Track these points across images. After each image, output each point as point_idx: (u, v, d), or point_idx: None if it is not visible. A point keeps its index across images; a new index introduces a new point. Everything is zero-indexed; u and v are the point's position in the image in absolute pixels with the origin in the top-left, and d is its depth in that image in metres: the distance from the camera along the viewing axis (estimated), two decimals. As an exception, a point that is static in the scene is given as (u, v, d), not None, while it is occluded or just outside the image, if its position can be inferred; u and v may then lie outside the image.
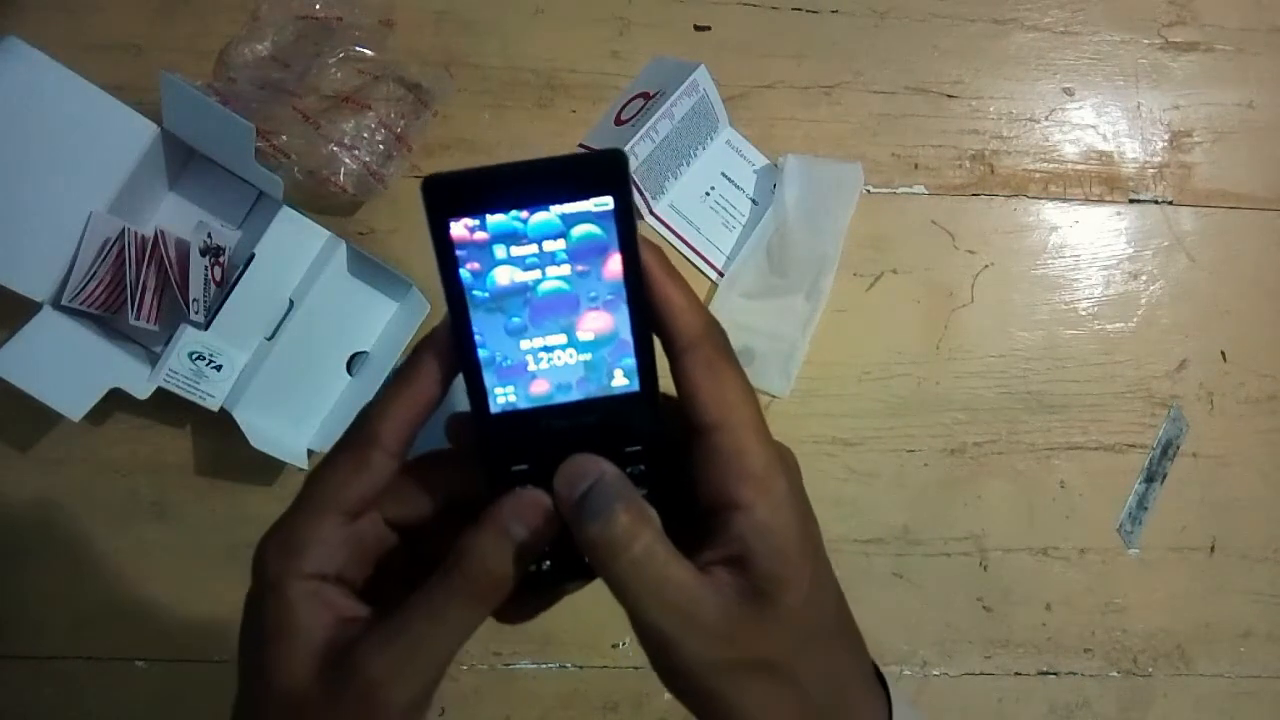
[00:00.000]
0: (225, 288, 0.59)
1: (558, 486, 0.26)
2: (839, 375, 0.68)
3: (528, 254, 0.25)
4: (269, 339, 0.62)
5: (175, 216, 0.62)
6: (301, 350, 0.62)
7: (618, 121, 0.65)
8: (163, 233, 0.60)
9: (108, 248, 0.58)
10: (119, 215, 0.59)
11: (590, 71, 0.68)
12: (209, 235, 0.60)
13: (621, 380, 0.27)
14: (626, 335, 0.26)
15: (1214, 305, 0.71)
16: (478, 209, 0.25)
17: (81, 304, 0.58)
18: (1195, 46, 0.73)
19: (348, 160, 0.61)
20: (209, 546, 0.63)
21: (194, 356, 0.58)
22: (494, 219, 0.25)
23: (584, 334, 0.26)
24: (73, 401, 0.56)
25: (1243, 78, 0.73)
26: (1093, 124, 0.72)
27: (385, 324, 0.65)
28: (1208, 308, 0.71)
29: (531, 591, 0.28)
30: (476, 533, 0.26)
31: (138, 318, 0.58)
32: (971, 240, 0.70)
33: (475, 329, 0.26)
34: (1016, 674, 0.68)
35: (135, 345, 0.62)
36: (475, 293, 0.25)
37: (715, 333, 0.27)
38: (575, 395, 0.27)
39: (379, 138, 0.62)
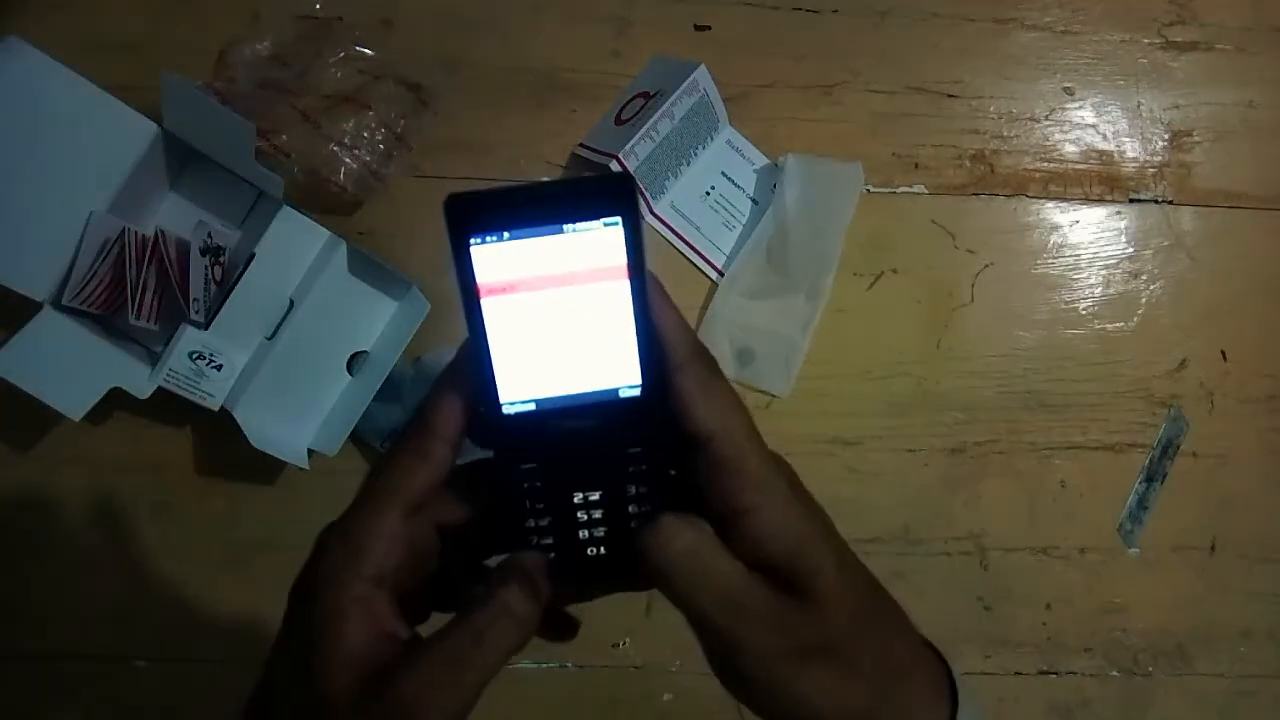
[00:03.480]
0: (225, 288, 0.59)
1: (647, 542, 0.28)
2: (839, 375, 0.68)
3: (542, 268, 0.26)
4: (269, 339, 0.62)
5: (175, 216, 0.62)
6: (301, 350, 0.62)
7: (618, 121, 0.65)
8: (163, 233, 0.60)
9: (108, 248, 0.58)
10: (119, 215, 0.59)
11: (590, 71, 0.68)
12: (209, 235, 0.60)
13: (626, 385, 0.28)
14: (632, 343, 0.27)
15: (1214, 305, 0.71)
16: (497, 227, 0.26)
17: (82, 304, 0.58)
18: (1195, 46, 0.73)
19: (348, 160, 0.61)
20: (209, 546, 0.63)
21: (194, 356, 0.58)
22: (510, 236, 0.26)
23: (592, 341, 0.27)
24: (73, 401, 0.55)
25: (1243, 78, 0.73)
26: (1093, 123, 0.72)
27: (385, 324, 0.65)
28: (1208, 308, 0.71)
29: (582, 577, 0.30)
30: (507, 574, 0.28)
31: (138, 318, 0.58)
32: (972, 240, 0.70)
33: (489, 336, 0.27)
34: (1017, 673, 0.68)
35: (135, 345, 0.62)
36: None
37: (705, 353, 0.28)
38: (582, 398, 0.28)
39: (379, 137, 0.62)
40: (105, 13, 0.65)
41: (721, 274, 0.68)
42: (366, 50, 0.63)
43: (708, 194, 0.69)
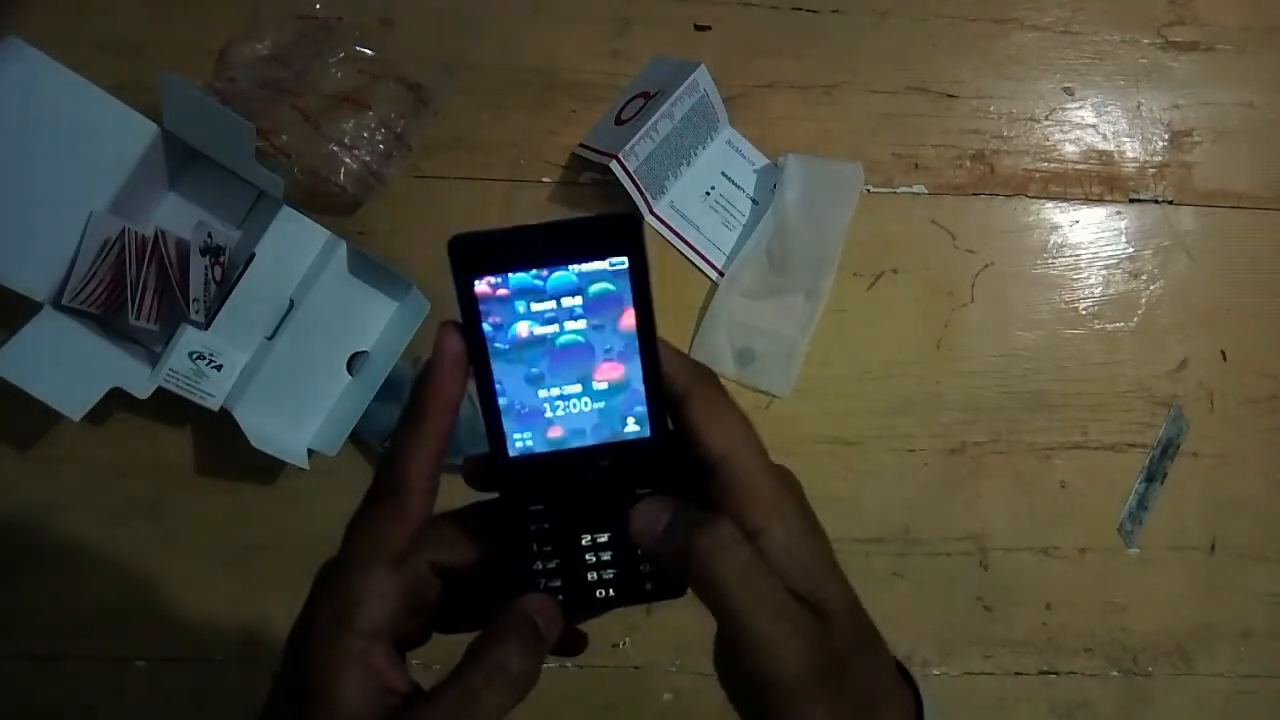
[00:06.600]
0: (225, 288, 0.59)
1: (640, 525, 0.28)
2: (839, 375, 0.68)
3: (547, 309, 0.26)
4: (269, 339, 0.62)
5: (175, 216, 0.62)
6: (301, 350, 0.62)
7: (618, 121, 0.65)
8: (163, 233, 0.60)
9: (108, 248, 0.58)
10: (119, 215, 0.59)
11: (590, 71, 0.68)
12: (209, 235, 0.60)
13: (634, 427, 0.28)
14: (639, 385, 0.28)
15: (1214, 305, 0.71)
16: (501, 267, 0.26)
17: (82, 304, 0.58)
18: (1195, 46, 0.73)
19: (348, 160, 0.61)
20: (209, 546, 0.63)
21: (194, 356, 0.58)
22: (515, 276, 0.26)
23: (599, 384, 0.27)
24: (73, 401, 0.55)
25: (1243, 78, 0.73)
26: (1093, 124, 0.72)
27: (385, 324, 0.65)
28: (1208, 308, 0.71)
29: (591, 612, 0.30)
30: (505, 628, 0.27)
31: (138, 318, 0.58)
32: (972, 240, 0.70)
33: (496, 378, 0.27)
34: (1017, 674, 0.68)
35: (135, 345, 0.62)
36: (496, 344, 0.27)
37: (709, 376, 0.29)
38: (590, 440, 0.28)
39: (379, 137, 0.62)
40: (105, 13, 0.65)
41: (721, 274, 0.68)
42: (366, 50, 0.63)
43: (708, 194, 0.69)
